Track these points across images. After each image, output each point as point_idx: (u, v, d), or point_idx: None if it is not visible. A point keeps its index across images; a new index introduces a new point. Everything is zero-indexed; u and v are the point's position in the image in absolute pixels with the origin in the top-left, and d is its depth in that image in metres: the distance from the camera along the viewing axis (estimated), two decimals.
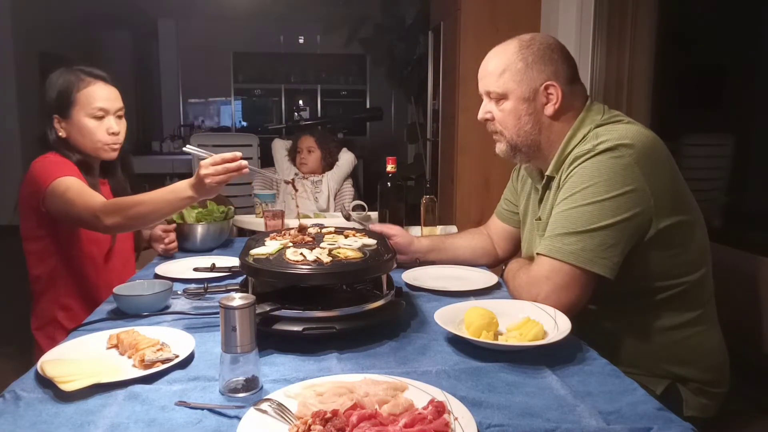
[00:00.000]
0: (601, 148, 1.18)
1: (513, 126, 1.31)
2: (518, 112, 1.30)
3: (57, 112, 1.65)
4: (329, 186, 3.28)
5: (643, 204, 1.16)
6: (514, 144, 1.33)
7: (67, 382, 0.87)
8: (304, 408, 0.80)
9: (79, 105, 1.63)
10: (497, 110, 1.32)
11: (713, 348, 1.28)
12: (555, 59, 1.28)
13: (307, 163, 3.30)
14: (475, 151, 3.41)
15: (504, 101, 1.31)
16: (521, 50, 1.28)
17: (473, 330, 1.08)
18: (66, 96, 1.63)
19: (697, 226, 1.26)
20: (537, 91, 1.28)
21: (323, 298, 1.15)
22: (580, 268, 1.15)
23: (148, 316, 1.24)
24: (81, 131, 1.64)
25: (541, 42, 1.29)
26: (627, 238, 1.16)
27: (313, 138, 3.33)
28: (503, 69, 1.29)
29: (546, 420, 0.81)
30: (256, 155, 4.54)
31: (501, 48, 1.32)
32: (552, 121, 1.30)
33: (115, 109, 1.67)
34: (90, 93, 1.63)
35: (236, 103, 8.45)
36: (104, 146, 1.66)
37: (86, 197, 1.51)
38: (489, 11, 3.35)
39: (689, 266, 1.23)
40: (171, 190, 1.43)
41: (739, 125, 5.00)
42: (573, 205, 1.18)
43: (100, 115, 1.64)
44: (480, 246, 1.65)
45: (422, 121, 5.11)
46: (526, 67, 1.27)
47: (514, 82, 1.28)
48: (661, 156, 1.21)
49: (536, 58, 1.27)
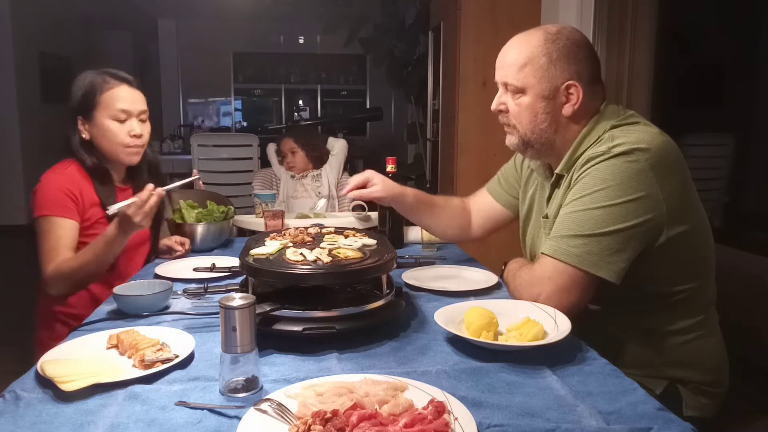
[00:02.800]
0: (617, 152, 1.15)
1: (528, 122, 1.26)
2: (535, 109, 1.24)
3: (81, 113, 1.66)
4: (329, 178, 3.27)
5: (655, 210, 1.13)
6: (526, 140, 1.28)
7: (67, 382, 0.87)
8: (304, 408, 0.80)
9: (102, 107, 1.64)
10: (513, 103, 1.27)
11: (713, 351, 1.27)
12: (580, 58, 1.22)
13: (295, 165, 3.29)
14: (475, 151, 3.41)
15: (521, 95, 1.25)
16: (546, 44, 1.21)
17: (473, 330, 1.08)
18: (90, 98, 1.64)
19: (705, 233, 1.24)
20: (558, 90, 1.22)
21: (323, 298, 1.15)
22: (584, 271, 1.14)
23: (148, 316, 1.24)
24: (103, 133, 1.65)
25: (568, 37, 1.22)
26: (635, 244, 1.14)
27: (291, 139, 3.31)
28: (525, 62, 1.23)
29: (546, 420, 0.81)
30: (256, 155, 4.54)
31: (525, 38, 1.25)
32: (569, 121, 1.25)
33: (138, 112, 1.68)
34: (113, 95, 1.65)
35: (236, 103, 8.46)
36: (125, 149, 1.68)
37: (48, 255, 1.56)
38: (489, 11, 3.35)
39: (694, 273, 1.22)
40: (104, 241, 1.53)
41: (739, 125, 5.01)
42: (582, 207, 1.16)
43: (122, 117, 1.65)
44: (458, 224, 1.63)
45: (422, 121, 5.11)
46: (549, 63, 1.21)
47: (534, 78, 1.22)
48: (675, 161, 1.18)
49: (561, 54, 1.21)
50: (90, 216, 1.65)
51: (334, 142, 3.37)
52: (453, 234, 1.64)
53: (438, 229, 1.66)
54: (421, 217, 1.63)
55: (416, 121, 5.62)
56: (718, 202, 4.31)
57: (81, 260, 1.55)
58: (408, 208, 1.60)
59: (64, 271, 1.54)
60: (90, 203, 1.65)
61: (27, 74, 6.23)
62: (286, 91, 8.42)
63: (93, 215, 1.66)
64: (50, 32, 6.67)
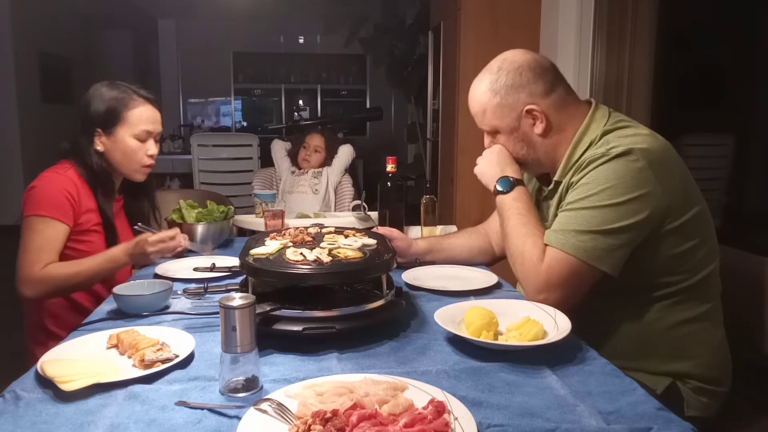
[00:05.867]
0: (616, 153, 1.20)
1: (513, 151, 1.38)
2: (511, 141, 1.36)
3: (101, 126, 1.65)
4: (329, 179, 3.27)
5: (656, 206, 1.18)
6: (520, 162, 1.39)
7: (67, 382, 0.87)
8: (304, 408, 0.80)
9: (127, 124, 1.64)
10: (495, 141, 1.40)
11: (716, 346, 1.29)
12: (525, 81, 1.30)
13: (310, 161, 3.31)
14: (475, 151, 3.35)
15: (497, 134, 1.38)
16: (492, 85, 1.32)
17: (473, 330, 1.08)
18: (115, 113, 1.64)
19: (705, 224, 1.27)
20: (520, 118, 1.32)
21: (323, 298, 1.15)
22: (590, 264, 1.18)
23: (148, 316, 1.24)
24: (123, 150, 1.65)
25: (509, 68, 1.31)
26: (635, 239, 1.19)
27: (323, 138, 3.33)
28: (483, 109, 1.35)
29: (546, 420, 0.81)
30: (255, 155, 4.54)
31: (476, 85, 1.37)
32: (544, 139, 1.33)
33: (157, 133, 1.71)
34: (140, 114, 1.65)
35: (236, 103, 8.45)
36: (141, 168, 1.69)
37: (35, 255, 1.53)
38: (489, 11, 3.34)
39: (702, 260, 1.25)
40: (108, 259, 1.55)
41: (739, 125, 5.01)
42: (589, 205, 1.20)
43: (144, 137, 1.66)
44: (477, 245, 1.66)
45: (422, 121, 5.11)
46: (501, 100, 1.32)
47: (496, 119, 1.34)
48: (672, 158, 1.24)
49: (507, 88, 1.31)
50: (83, 221, 1.64)
51: (342, 146, 3.39)
52: (482, 261, 1.67)
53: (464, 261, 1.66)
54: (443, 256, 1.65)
55: (416, 121, 5.62)
56: (718, 202, 4.32)
57: (75, 269, 1.54)
58: (432, 258, 1.63)
59: (53, 275, 1.52)
60: (86, 209, 1.64)
61: (27, 74, 6.23)
62: (286, 91, 8.42)
63: (87, 221, 1.64)
64: (50, 32, 6.67)
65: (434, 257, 1.63)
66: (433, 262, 1.62)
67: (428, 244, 1.65)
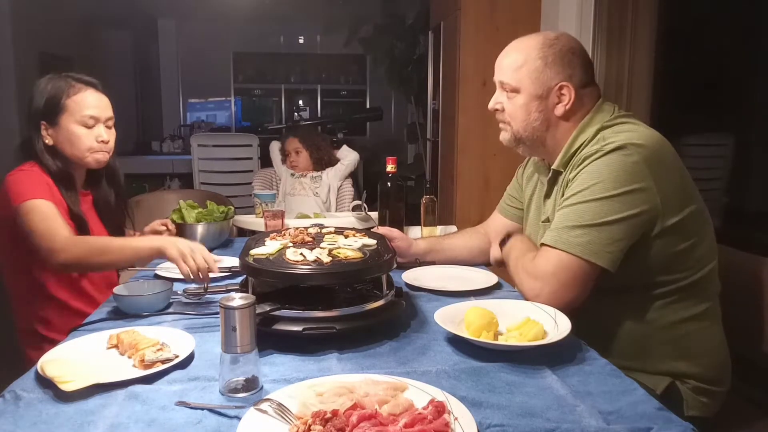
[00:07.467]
0: (610, 148, 1.20)
1: (521, 120, 1.33)
2: (529, 108, 1.32)
3: (45, 118, 1.61)
4: (330, 183, 3.28)
5: (650, 203, 1.17)
6: (519, 136, 1.35)
7: (67, 382, 0.87)
8: (304, 408, 0.80)
9: (69, 112, 1.59)
10: (508, 102, 1.34)
11: (716, 346, 1.29)
12: (574, 63, 1.29)
13: (298, 164, 3.32)
14: (475, 151, 3.40)
15: (516, 95, 1.32)
16: (543, 48, 1.29)
17: (473, 330, 1.08)
18: (55, 102, 1.59)
19: (702, 223, 1.27)
20: (550, 90, 1.29)
21: (323, 298, 1.15)
22: (585, 260, 1.17)
23: (148, 316, 1.24)
24: (69, 139, 1.60)
25: (564, 44, 1.30)
26: (631, 234, 1.18)
27: (296, 139, 3.33)
28: (521, 64, 1.30)
29: (546, 420, 0.81)
30: (256, 155, 4.54)
31: (524, 41, 1.33)
32: (560, 120, 1.32)
33: (106, 118, 1.64)
34: (80, 100, 1.60)
35: (236, 103, 8.45)
36: (92, 155, 1.63)
37: (50, 226, 1.46)
38: (489, 11, 3.34)
39: (701, 258, 1.25)
40: (133, 247, 1.46)
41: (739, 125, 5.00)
42: (581, 200, 1.20)
43: (90, 123, 1.61)
44: (477, 245, 1.66)
45: (422, 121, 5.10)
46: (544, 65, 1.29)
47: (529, 79, 1.30)
48: (668, 155, 1.23)
49: (556, 58, 1.28)
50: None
51: (348, 153, 3.39)
52: (482, 261, 1.67)
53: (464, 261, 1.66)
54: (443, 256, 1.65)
55: (416, 121, 5.62)
56: (718, 202, 4.32)
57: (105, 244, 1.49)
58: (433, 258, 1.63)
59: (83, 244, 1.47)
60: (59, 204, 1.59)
61: (27, 74, 6.23)
62: (286, 91, 8.41)
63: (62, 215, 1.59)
64: (50, 32, 6.66)
65: (434, 257, 1.63)
66: (433, 263, 1.62)
67: (428, 244, 1.65)
